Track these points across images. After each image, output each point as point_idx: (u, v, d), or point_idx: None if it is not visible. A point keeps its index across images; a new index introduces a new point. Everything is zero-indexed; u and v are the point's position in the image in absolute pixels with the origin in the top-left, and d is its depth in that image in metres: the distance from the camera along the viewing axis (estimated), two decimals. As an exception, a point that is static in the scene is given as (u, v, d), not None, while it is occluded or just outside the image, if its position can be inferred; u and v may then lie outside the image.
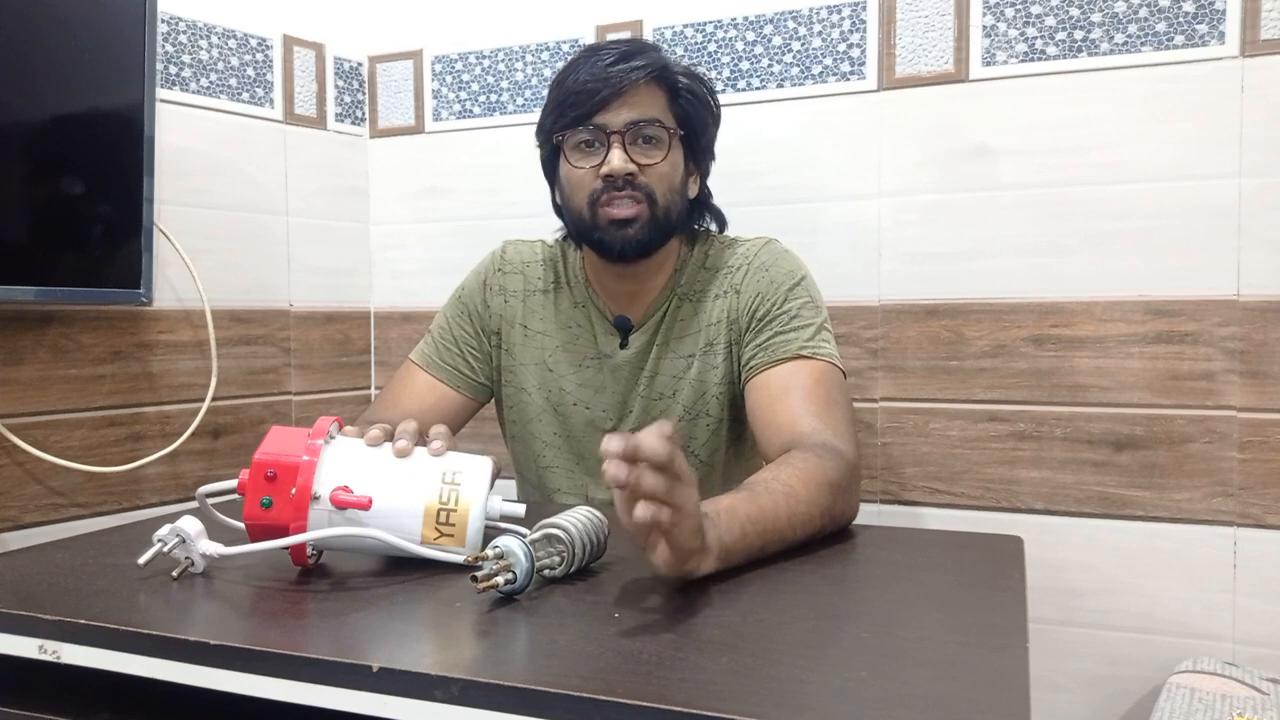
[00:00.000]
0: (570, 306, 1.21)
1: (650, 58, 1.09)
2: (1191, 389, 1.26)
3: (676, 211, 1.12)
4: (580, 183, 1.10)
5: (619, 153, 1.07)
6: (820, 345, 1.09)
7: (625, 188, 1.07)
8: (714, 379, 1.15)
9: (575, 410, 1.19)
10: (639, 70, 1.07)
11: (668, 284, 1.18)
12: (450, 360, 1.22)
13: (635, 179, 1.08)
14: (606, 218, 1.08)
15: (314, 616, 0.72)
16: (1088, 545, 1.31)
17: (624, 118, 1.07)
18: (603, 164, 1.07)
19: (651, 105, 1.09)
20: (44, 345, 1.27)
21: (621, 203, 1.08)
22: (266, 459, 0.77)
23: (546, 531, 0.76)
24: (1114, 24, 1.28)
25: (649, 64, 1.08)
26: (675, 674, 0.58)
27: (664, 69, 1.10)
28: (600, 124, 1.08)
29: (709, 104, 1.16)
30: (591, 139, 1.09)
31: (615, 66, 1.07)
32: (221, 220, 1.49)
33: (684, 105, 1.12)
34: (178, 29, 1.42)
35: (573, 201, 1.12)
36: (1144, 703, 1.28)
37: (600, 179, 1.08)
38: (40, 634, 0.69)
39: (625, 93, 1.07)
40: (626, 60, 1.08)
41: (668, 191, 1.10)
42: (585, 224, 1.11)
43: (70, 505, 1.30)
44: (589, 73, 1.08)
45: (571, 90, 1.08)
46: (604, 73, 1.07)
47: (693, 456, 1.18)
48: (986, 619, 0.70)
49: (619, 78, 1.06)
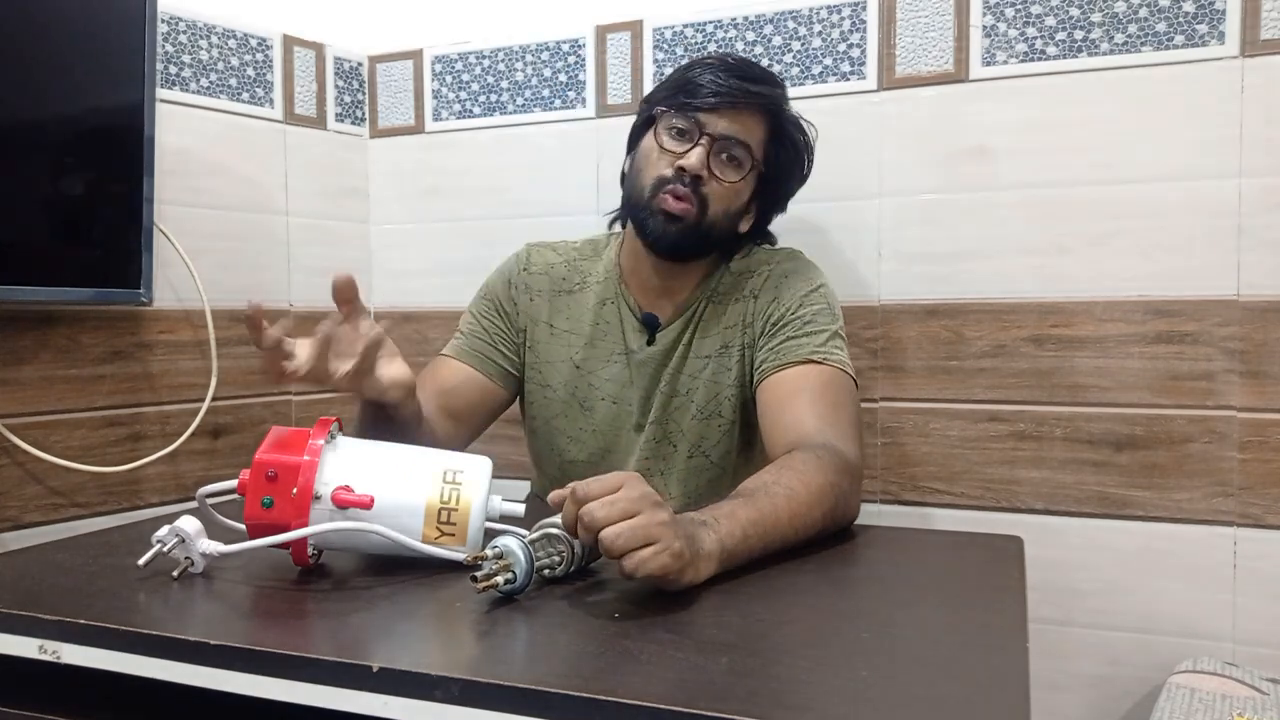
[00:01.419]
0: (598, 304, 1.22)
1: (772, 91, 1.14)
2: (1191, 389, 1.26)
3: (719, 232, 1.15)
4: (656, 163, 1.13)
5: (701, 153, 1.10)
6: (832, 351, 1.10)
7: (688, 185, 1.10)
8: (727, 381, 1.16)
9: (602, 405, 1.21)
10: (756, 96, 1.11)
11: (700, 287, 1.20)
12: (482, 349, 1.22)
13: (701, 184, 1.10)
14: (661, 206, 1.11)
15: (314, 616, 0.72)
16: (1088, 545, 1.31)
17: (722, 127, 1.10)
18: (684, 155, 1.10)
19: (751, 131, 1.12)
20: (44, 345, 1.27)
21: (679, 198, 1.10)
22: (267, 459, 0.77)
23: (546, 531, 0.76)
24: (1114, 24, 1.28)
25: (767, 96, 1.13)
26: (675, 674, 0.58)
27: (778, 108, 1.15)
28: (700, 121, 1.10)
29: (803, 158, 1.19)
30: (686, 129, 1.11)
31: (740, 81, 1.11)
32: (221, 220, 1.49)
33: (779, 148, 1.16)
34: (178, 29, 1.42)
35: (641, 175, 1.14)
36: (1144, 703, 1.28)
37: (674, 168, 1.10)
38: (40, 634, 0.69)
39: (735, 108, 1.11)
40: (755, 82, 1.12)
41: (722, 212, 1.13)
42: (641, 200, 1.13)
43: (70, 505, 1.30)
44: (715, 73, 1.11)
45: (692, 80, 1.12)
46: (729, 80, 1.11)
47: (704, 457, 1.18)
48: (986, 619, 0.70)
49: (739, 92, 1.10)
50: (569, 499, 0.73)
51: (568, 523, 0.73)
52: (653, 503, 0.72)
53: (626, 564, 0.70)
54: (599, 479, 0.73)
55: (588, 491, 0.72)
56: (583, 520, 0.71)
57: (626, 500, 0.71)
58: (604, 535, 0.70)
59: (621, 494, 0.72)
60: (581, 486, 0.72)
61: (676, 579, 0.73)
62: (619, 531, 0.70)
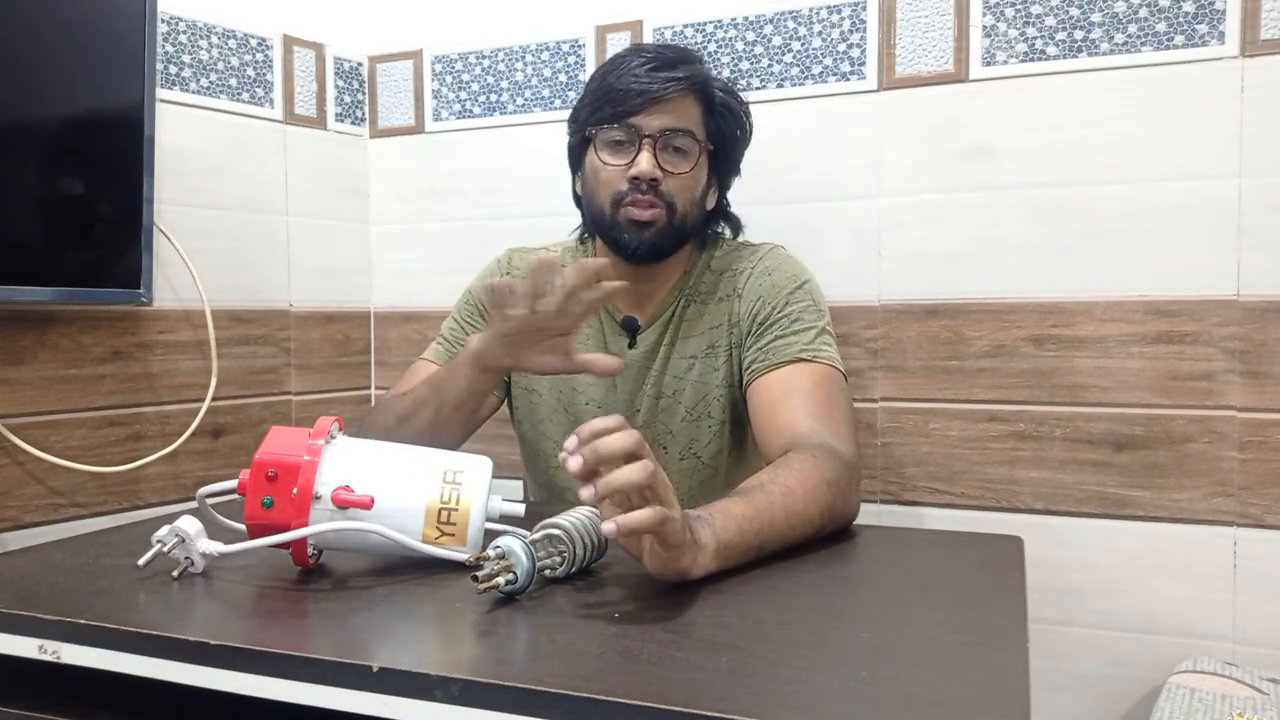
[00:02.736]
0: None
1: (692, 69, 1.12)
2: (1191, 389, 1.26)
3: (693, 220, 1.14)
4: (607, 180, 1.12)
5: (648, 156, 1.08)
6: (821, 348, 1.09)
7: (649, 192, 1.09)
8: (715, 381, 1.16)
9: (587, 410, 1.20)
10: (681, 81, 1.09)
11: (677, 286, 1.19)
12: None
13: (659, 185, 1.09)
14: (627, 218, 1.10)
15: (314, 616, 0.72)
16: (1088, 545, 1.31)
17: (658, 124, 1.09)
18: (631, 165, 1.09)
19: (687, 116, 1.11)
20: (44, 345, 1.27)
21: (643, 206, 1.09)
22: (268, 459, 0.77)
23: (547, 532, 0.76)
24: (1114, 24, 1.28)
25: (690, 76, 1.11)
26: (675, 674, 0.58)
27: (705, 83, 1.13)
28: (635, 125, 1.09)
29: (742, 121, 1.18)
30: (624, 139, 1.11)
31: (659, 73, 1.09)
32: (221, 220, 1.49)
33: (718, 120, 1.14)
34: (178, 29, 1.42)
35: (596, 196, 1.13)
36: (1144, 703, 1.28)
37: (627, 180, 1.10)
38: (40, 634, 0.69)
39: (664, 100, 1.09)
40: (671, 68, 1.10)
41: (688, 202, 1.12)
42: (605, 220, 1.13)
43: (70, 505, 1.30)
44: (632, 74, 1.09)
45: (613, 88, 1.10)
46: (646, 77, 1.09)
47: (695, 459, 1.18)
48: (986, 619, 0.70)
49: (660, 85, 1.08)
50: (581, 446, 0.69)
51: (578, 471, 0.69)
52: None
53: (642, 513, 0.67)
54: (599, 420, 0.70)
55: (595, 428, 0.69)
56: (596, 448, 0.68)
57: (640, 443, 0.69)
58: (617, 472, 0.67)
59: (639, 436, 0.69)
60: (588, 427, 0.70)
61: (676, 556, 0.72)
62: (633, 467, 0.67)
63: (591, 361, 0.99)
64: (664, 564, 0.73)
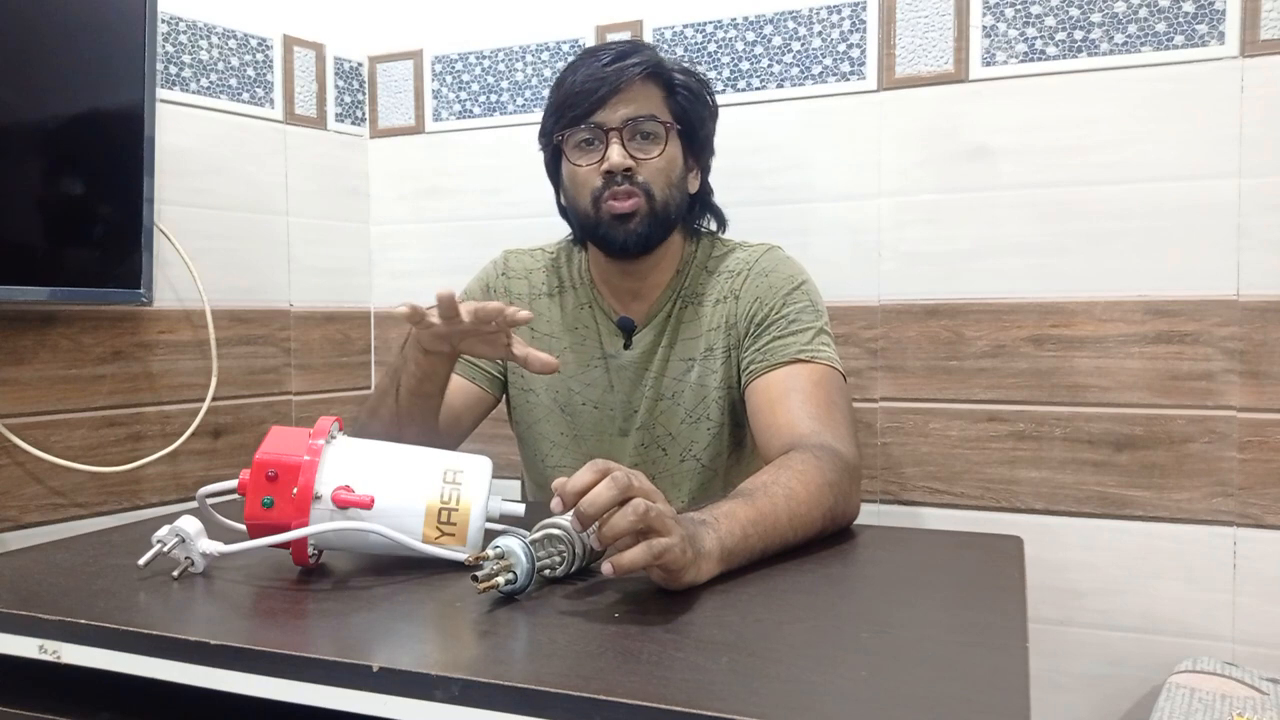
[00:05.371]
0: (576, 308, 1.21)
1: (645, 55, 1.12)
2: (1191, 389, 1.26)
3: (675, 206, 1.14)
4: (583, 181, 1.12)
5: (617, 148, 1.09)
6: (819, 349, 1.09)
7: (625, 183, 1.09)
8: (713, 383, 1.16)
9: (584, 410, 1.20)
10: (635, 68, 1.09)
11: (671, 283, 1.18)
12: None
13: (634, 174, 1.09)
14: (609, 213, 1.10)
15: (314, 616, 0.72)
16: (1088, 545, 1.31)
17: (621, 114, 1.09)
18: (602, 160, 1.09)
19: (648, 102, 1.11)
20: (44, 345, 1.27)
21: (621, 197, 1.09)
22: (268, 459, 0.77)
23: (547, 532, 0.76)
24: (1114, 24, 1.28)
25: (644, 61, 1.11)
26: (675, 674, 0.58)
27: (659, 66, 1.12)
28: (598, 122, 1.09)
29: (705, 99, 1.17)
30: (591, 137, 1.11)
31: (611, 65, 1.09)
32: (221, 220, 1.49)
33: (680, 101, 1.14)
34: (178, 29, 1.42)
35: (577, 201, 1.13)
36: (1144, 703, 1.28)
37: (601, 176, 1.10)
38: (40, 634, 0.69)
39: (622, 90, 1.09)
40: (622, 59, 1.10)
41: (666, 186, 1.12)
42: (590, 221, 1.12)
43: (70, 505, 1.30)
44: (586, 73, 1.10)
45: (570, 91, 1.11)
46: (600, 72, 1.09)
47: (694, 460, 1.18)
48: (986, 619, 0.70)
49: (615, 76, 1.08)
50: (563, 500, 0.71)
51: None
52: (654, 493, 0.72)
53: (634, 552, 0.68)
54: (577, 474, 0.71)
55: (575, 487, 0.70)
56: (581, 511, 0.69)
57: (623, 487, 0.70)
58: (609, 523, 0.68)
59: (620, 475, 0.70)
60: (560, 484, 0.71)
61: (679, 575, 0.73)
62: (623, 512, 0.68)
63: (530, 358, 0.97)
64: (668, 580, 0.73)
